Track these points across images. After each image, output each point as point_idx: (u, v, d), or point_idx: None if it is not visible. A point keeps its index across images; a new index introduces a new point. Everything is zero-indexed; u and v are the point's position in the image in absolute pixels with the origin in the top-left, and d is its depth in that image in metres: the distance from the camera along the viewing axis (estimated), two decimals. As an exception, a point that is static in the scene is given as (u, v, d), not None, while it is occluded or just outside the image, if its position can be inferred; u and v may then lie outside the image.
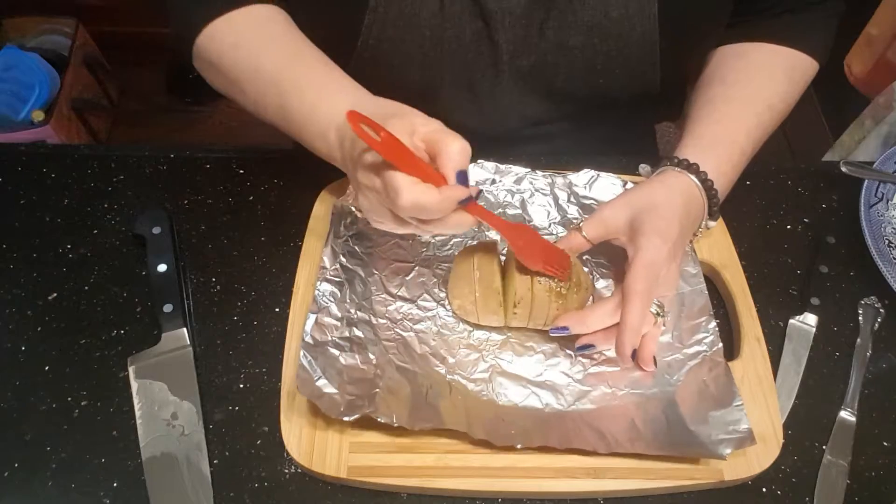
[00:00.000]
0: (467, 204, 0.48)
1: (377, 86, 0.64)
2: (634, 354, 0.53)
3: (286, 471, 0.55)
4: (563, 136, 0.75)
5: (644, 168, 0.68)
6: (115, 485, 0.53)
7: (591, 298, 0.61)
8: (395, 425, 0.51)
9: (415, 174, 0.46)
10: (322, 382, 0.53)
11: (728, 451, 0.51)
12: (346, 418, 0.51)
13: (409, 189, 0.46)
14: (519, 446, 0.52)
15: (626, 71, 0.64)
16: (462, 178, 0.47)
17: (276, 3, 0.63)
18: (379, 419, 0.51)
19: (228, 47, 0.60)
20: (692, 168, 0.59)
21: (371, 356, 0.57)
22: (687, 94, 0.72)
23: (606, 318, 0.54)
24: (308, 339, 0.56)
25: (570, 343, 0.59)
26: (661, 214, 0.55)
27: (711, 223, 0.61)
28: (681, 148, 0.62)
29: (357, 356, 0.56)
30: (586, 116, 0.72)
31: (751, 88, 0.65)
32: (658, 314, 0.55)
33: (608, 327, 0.55)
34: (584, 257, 0.65)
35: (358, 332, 0.58)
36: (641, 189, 0.58)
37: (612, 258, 0.65)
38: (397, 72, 0.63)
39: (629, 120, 0.79)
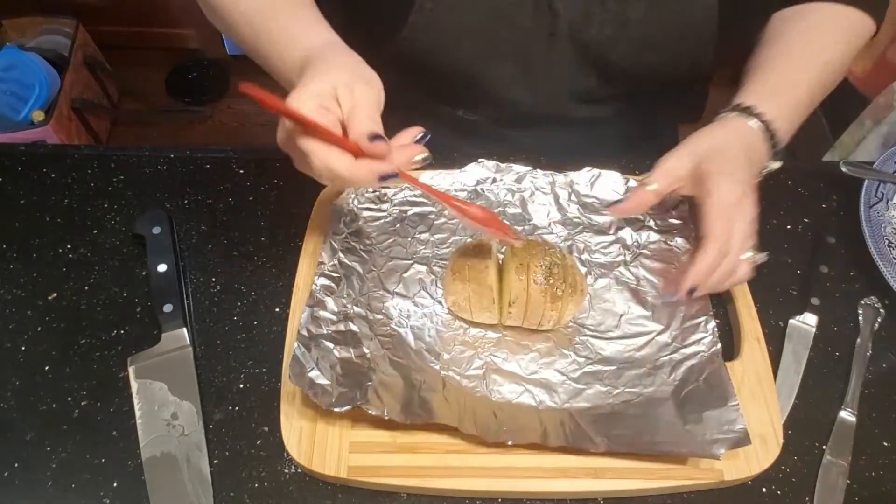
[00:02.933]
0: (392, 179, 0.47)
1: (423, 61, 0.62)
2: (692, 293, 0.53)
3: (286, 471, 0.55)
4: (605, 124, 0.75)
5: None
6: (115, 485, 0.53)
7: (587, 298, 0.62)
8: (387, 417, 0.52)
9: (328, 140, 0.45)
10: (315, 374, 0.54)
11: (722, 450, 0.51)
12: (337, 409, 0.51)
13: (321, 154, 0.45)
14: (510, 443, 0.52)
15: (682, 48, 0.64)
16: (376, 139, 0.46)
17: None
18: (370, 411, 0.52)
19: None
20: (748, 111, 0.58)
21: (365, 350, 0.57)
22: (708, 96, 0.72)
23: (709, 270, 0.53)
24: (303, 331, 0.56)
25: (567, 342, 0.59)
26: (727, 156, 0.55)
27: (775, 164, 0.60)
28: (737, 97, 0.61)
29: (351, 350, 0.56)
30: (636, 95, 0.72)
31: (807, 45, 0.64)
32: (755, 260, 0.54)
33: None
34: (582, 257, 0.65)
35: (353, 327, 0.58)
36: (701, 135, 0.58)
37: (611, 259, 0.65)
38: (452, 42, 0.62)
39: (665, 111, 0.78)
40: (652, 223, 0.66)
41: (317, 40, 0.54)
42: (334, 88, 0.47)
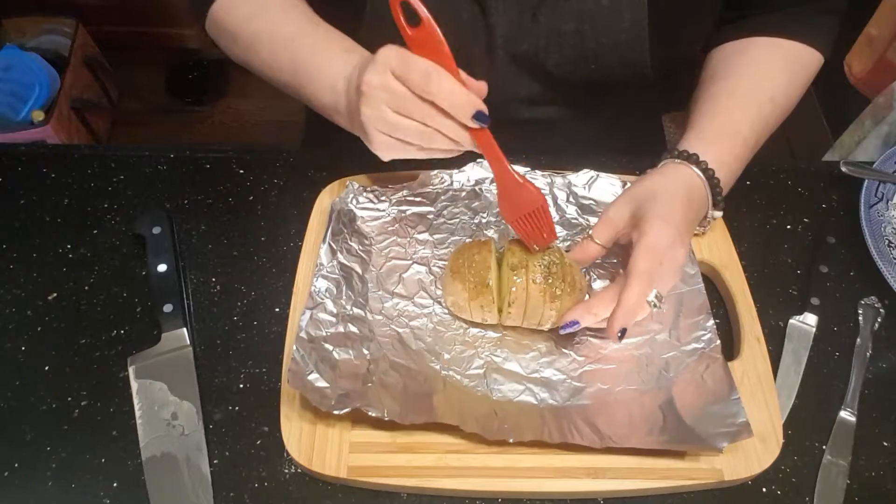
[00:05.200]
0: (481, 125, 0.52)
1: None
2: (623, 334, 0.53)
3: (286, 471, 0.55)
4: (563, 123, 0.75)
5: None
6: (115, 485, 0.53)
7: (586, 297, 0.61)
8: (387, 419, 0.52)
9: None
10: (314, 377, 0.54)
11: (724, 443, 0.51)
12: (336, 412, 0.51)
13: (441, 72, 0.50)
14: (511, 440, 0.52)
15: (616, 57, 0.65)
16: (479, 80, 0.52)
17: None
18: (370, 413, 0.52)
19: (244, 19, 0.66)
20: (692, 158, 0.59)
21: (365, 352, 0.57)
22: (690, 83, 0.72)
23: (612, 304, 0.54)
24: (302, 334, 0.56)
25: (567, 341, 0.59)
26: (663, 200, 0.56)
27: (717, 214, 0.61)
28: (683, 142, 0.62)
29: (351, 351, 0.56)
30: (582, 100, 0.73)
31: (752, 82, 0.65)
32: (654, 305, 0.54)
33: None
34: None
35: (353, 328, 0.58)
36: (642, 182, 0.59)
37: (611, 258, 0.65)
38: None
39: (629, 106, 0.79)
40: None
41: (361, 51, 0.60)
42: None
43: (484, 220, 0.67)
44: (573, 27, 0.63)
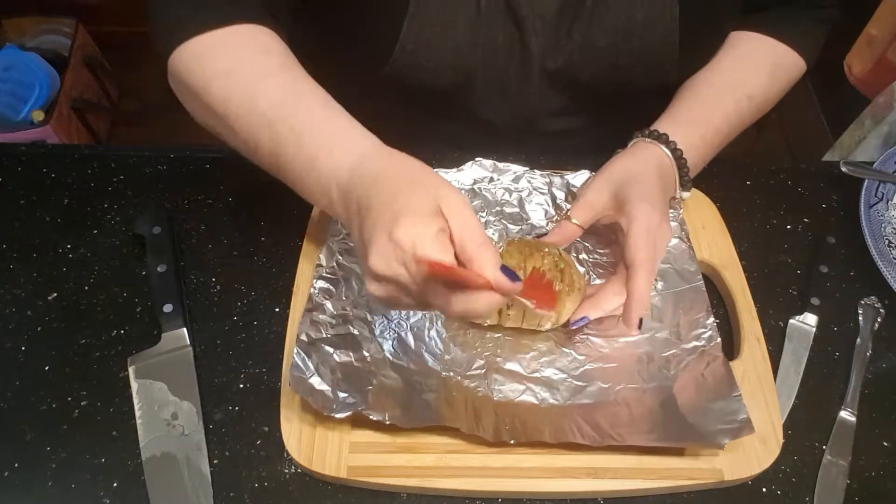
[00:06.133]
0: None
1: (410, 87, 0.65)
2: (641, 323, 0.54)
3: (286, 471, 0.55)
4: (582, 130, 0.76)
5: None
6: (115, 485, 0.53)
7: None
8: (388, 422, 0.52)
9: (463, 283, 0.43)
10: (315, 380, 0.53)
11: (726, 440, 0.51)
12: (338, 415, 0.51)
13: (462, 302, 0.43)
14: (512, 441, 0.52)
15: (646, 68, 0.66)
16: (509, 273, 0.43)
17: (271, 23, 0.57)
18: (371, 416, 0.52)
19: (220, 73, 0.52)
20: (661, 138, 0.60)
21: (366, 353, 0.57)
22: None
23: (618, 296, 0.55)
24: (303, 336, 0.56)
25: (567, 340, 0.59)
26: (643, 181, 0.57)
27: (684, 194, 0.63)
28: (656, 123, 0.64)
29: (351, 353, 0.56)
30: (604, 109, 0.74)
31: (733, 76, 0.67)
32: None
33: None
34: (580, 257, 0.65)
35: (353, 330, 0.58)
36: (616, 163, 0.60)
37: (610, 258, 0.65)
38: (431, 73, 0.65)
39: (642, 112, 0.79)
40: None
41: (363, 144, 0.49)
42: (438, 206, 0.43)
43: (483, 220, 0.67)
44: (607, 41, 0.63)
